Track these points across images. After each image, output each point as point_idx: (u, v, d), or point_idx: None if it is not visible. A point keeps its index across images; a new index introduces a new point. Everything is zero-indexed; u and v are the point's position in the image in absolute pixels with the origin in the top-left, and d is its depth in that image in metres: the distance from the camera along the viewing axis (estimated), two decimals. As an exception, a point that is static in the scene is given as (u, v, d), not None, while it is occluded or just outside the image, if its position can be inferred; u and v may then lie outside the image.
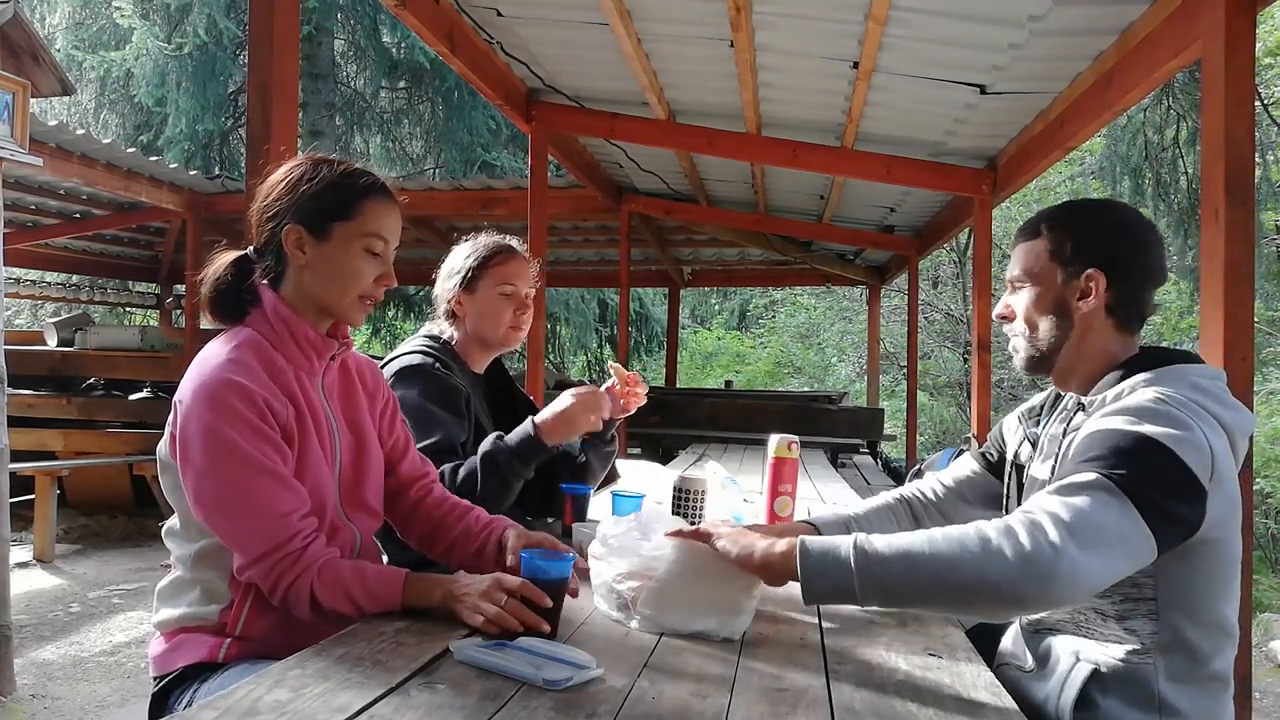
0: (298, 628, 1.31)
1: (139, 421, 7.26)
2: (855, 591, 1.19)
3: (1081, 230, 1.43)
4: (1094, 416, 1.33)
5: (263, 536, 1.25)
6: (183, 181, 6.77)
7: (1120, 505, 1.16)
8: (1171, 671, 1.30)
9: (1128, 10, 2.97)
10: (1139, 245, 1.42)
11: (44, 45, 4.27)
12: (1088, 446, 1.25)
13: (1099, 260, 1.40)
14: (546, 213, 5.08)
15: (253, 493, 1.24)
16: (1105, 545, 1.13)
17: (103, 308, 12.09)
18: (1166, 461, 1.19)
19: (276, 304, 1.38)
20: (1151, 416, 1.23)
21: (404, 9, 3.34)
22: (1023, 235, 1.49)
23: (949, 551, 1.15)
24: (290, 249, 1.38)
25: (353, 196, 1.39)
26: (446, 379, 1.89)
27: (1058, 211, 1.48)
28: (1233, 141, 2.33)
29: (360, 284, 1.40)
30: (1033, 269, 1.45)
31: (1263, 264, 9.83)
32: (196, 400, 1.26)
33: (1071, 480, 1.19)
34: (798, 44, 3.73)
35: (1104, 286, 1.40)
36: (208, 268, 1.40)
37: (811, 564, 1.22)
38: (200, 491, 1.25)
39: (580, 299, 14.16)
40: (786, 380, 16.91)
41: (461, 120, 12.62)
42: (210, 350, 1.33)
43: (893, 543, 1.20)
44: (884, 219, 7.18)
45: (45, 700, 3.47)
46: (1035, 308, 1.45)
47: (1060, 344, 1.44)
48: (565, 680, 1.03)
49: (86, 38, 12.23)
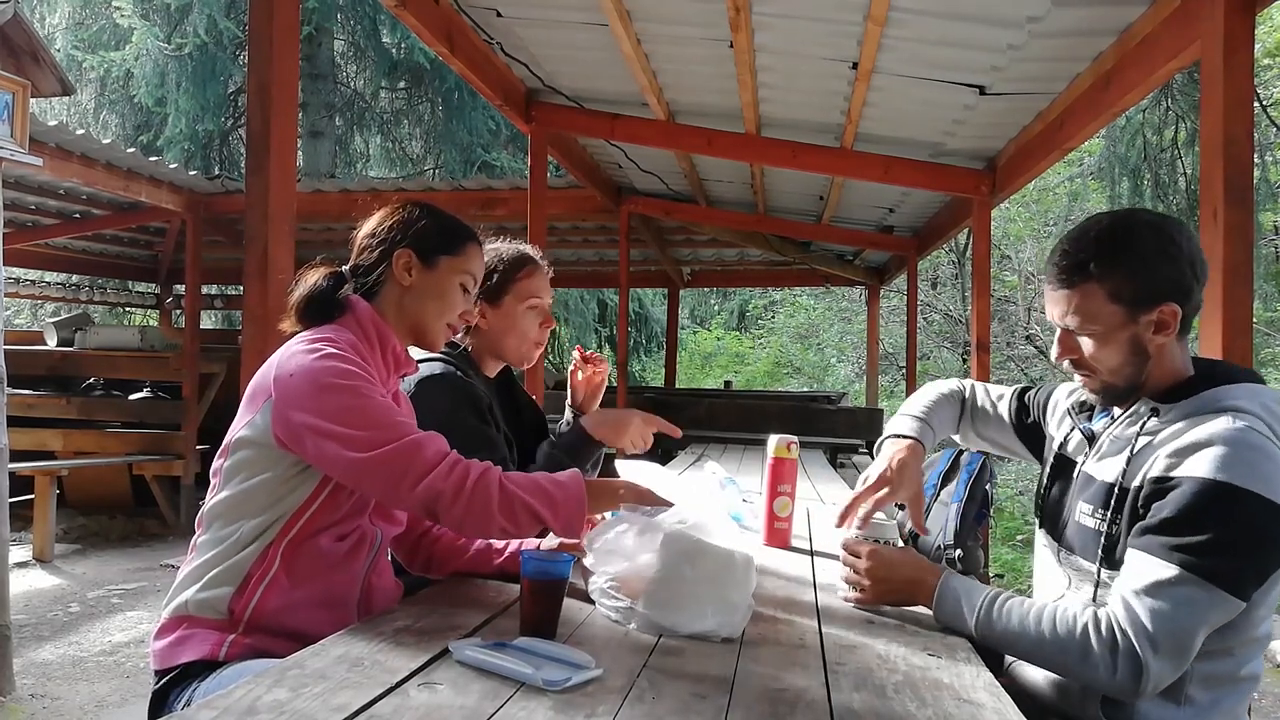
0: (306, 610, 1.34)
1: (138, 421, 7.27)
2: (974, 635, 1.37)
3: (1140, 269, 1.35)
4: (1171, 434, 1.33)
5: (427, 445, 1.31)
6: (182, 182, 6.76)
7: (1208, 596, 1.21)
8: (1207, 676, 1.32)
9: (1126, 11, 2.97)
10: (1194, 259, 1.36)
11: (44, 45, 4.26)
12: (1178, 503, 1.25)
13: (1169, 294, 1.35)
14: (546, 213, 5.07)
15: (399, 421, 1.33)
16: (1191, 644, 1.23)
17: (102, 308, 12.08)
18: (1262, 512, 1.21)
19: (372, 314, 1.50)
20: (1241, 451, 1.24)
21: (403, 9, 3.34)
22: (1068, 277, 1.39)
23: (1053, 649, 1.29)
24: (398, 270, 1.53)
25: (460, 237, 1.58)
26: (471, 389, 1.86)
27: (1098, 246, 1.37)
28: (1231, 142, 2.33)
29: (451, 313, 1.57)
30: (1094, 315, 1.37)
31: (1261, 265, 9.85)
32: (314, 371, 1.33)
33: (1157, 579, 1.23)
34: (797, 45, 3.73)
35: (1180, 315, 1.36)
36: (303, 276, 1.50)
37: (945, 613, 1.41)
38: (350, 439, 1.29)
39: (580, 299, 14.16)
40: (786, 381, 16.91)
41: (461, 121, 12.61)
42: (307, 340, 1.40)
43: (1010, 624, 1.33)
44: (883, 219, 7.18)
45: (44, 700, 3.47)
46: (1106, 351, 1.39)
47: (1139, 375, 1.40)
48: (564, 680, 1.03)
49: (86, 38, 12.22)
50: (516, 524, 1.32)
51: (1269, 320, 10.09)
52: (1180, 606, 1.21)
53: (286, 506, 1.36)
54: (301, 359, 1.35)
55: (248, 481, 1.37)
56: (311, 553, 1.37)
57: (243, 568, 1.35)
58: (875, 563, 1.48)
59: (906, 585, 1.46)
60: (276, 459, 1.36)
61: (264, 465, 1.37)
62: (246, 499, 1.37)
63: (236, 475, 1.39)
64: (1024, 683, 1.52)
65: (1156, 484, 1.30)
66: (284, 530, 1.36)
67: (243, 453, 1.38)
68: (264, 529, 1.36)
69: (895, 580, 1.47)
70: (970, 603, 1.37)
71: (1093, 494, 1.44)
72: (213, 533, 1.40)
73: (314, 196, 6.63)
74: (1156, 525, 1.26)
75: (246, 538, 1.36)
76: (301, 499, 1.36)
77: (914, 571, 1.46)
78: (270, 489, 1.36)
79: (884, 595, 1.48)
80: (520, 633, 1.20)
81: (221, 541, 1.37)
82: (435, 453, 1.31)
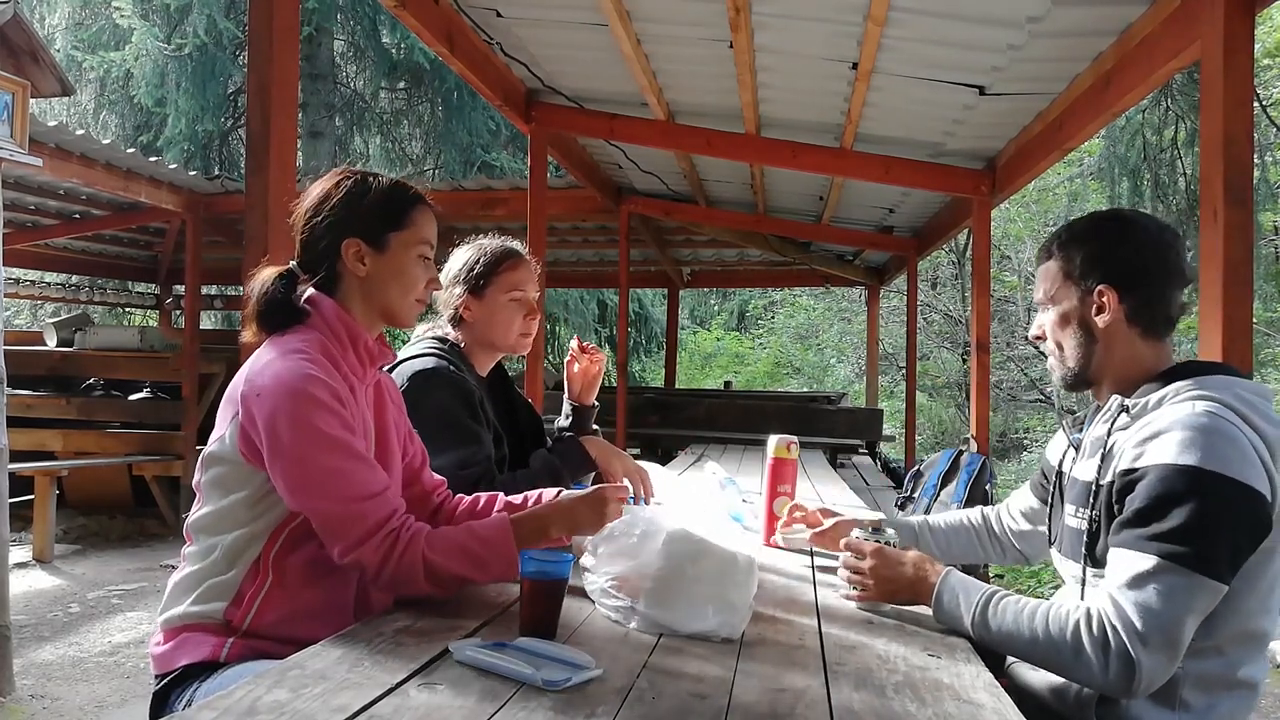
0: (304, 620, 1.33)
1: (138, 422, 7.26)
2: (970, 633, 1.37)
3: (1085, 246, 1.47)
4: (1138, 427, 1.35)
5: (366, 516, 1.29)
6: (182, 182, 6.76)
7: (1188, 583, 1.21)
8: (1200, 677, 1.32)
9: (1126, 11, 2.97)
10: (1147, 251, 1.44)
11: (44, 45, 4.26)
12: (1146, 493, 1.27)
13: (1106, 274, 1.44)
14: (546, 213, 5.07)
15: (350, 475, 1.29)
16: (1179, 636, 1.22)
17: (102, 308, 12.08)
18: (1226, 490, 1.22)
19: (338, 311, 1.44)
20: (1201, 435, 1.25)
21: (403, 9, 3.34)
22: (1041, 257, 1.55)
23: (1047, 648, 1.29)
24: (350, 262, 1.45)
25: (404, 207, 1.49)
26: (463, 383, 1.89)
27: (1065, 229, 1.53)
28: (1231, 142, 2.33)
29: (416, 288, 1.51)
30: (1051, 290, 1.51)
31: (1261, 265, 9.85)
32: (280, 394, 1.29)
33: (1137, 571, 1.24)
34: (797, 45, 3.73)
35: (1117, 299, 1.43)
36: (252, 283, 1.44)
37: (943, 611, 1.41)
38: (296, 479, 1.28)
39: (579, 300, 14.15)
40: (785, 381, 16.91)
41: (461, 121, 12.61)
42: (277, 349, 1.37)
43: (1004, 623, 1.33)
44: (883, 220, 7.18)
45: (44, 700, 3.47)
46: (1059, 327, 1.50)
47: (1089, 359, 1.48)
48: (564, 680, 1.03)
49: (86, 38, 12.22)
50: (445, 588, 1.33)
51: (1269, 320, 10.09)
52: (1164, 597, 1.21)
53: (268, 521, 1.35)
54: (270, 377, 1.31)
55: (225, 499, 1.36)
56: (302, 561, 1.36)
57: (234, 583, 1.34)
58: (879, 561, 1.49)
59: (909, 584, 1.46)
60: (248, 476, 1.34)
61: (238, 483, 1.35)
62: (227, 515, 1.36)
63: (214, 492, 1.38)
64: (1023, 683, 1.52)
65: (1125, 476, 1.32)
66: (270, 543, 1.35)
67: (216, 469, 1.37)
68: (249, 543, 1.35)
69: (899, 579, 1.47)
70: (968, 600, 1.37)
71: (1075, 495, 1.49)
72: (199, 545, 1.39)
73: (314, 197, 6.61)
74: (1129, 518, 1.28)
75: (233, 553, 1.35)
76: (284, 513, 1.35)
77: (916, 570, 1.46)
78: (249, 505, 1.35)
79: (888, 594, 1.48)
80: (520, 633, 1.20)
81: (208, 555, 1.37)
82: (373, 524, 1.29)
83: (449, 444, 1.81)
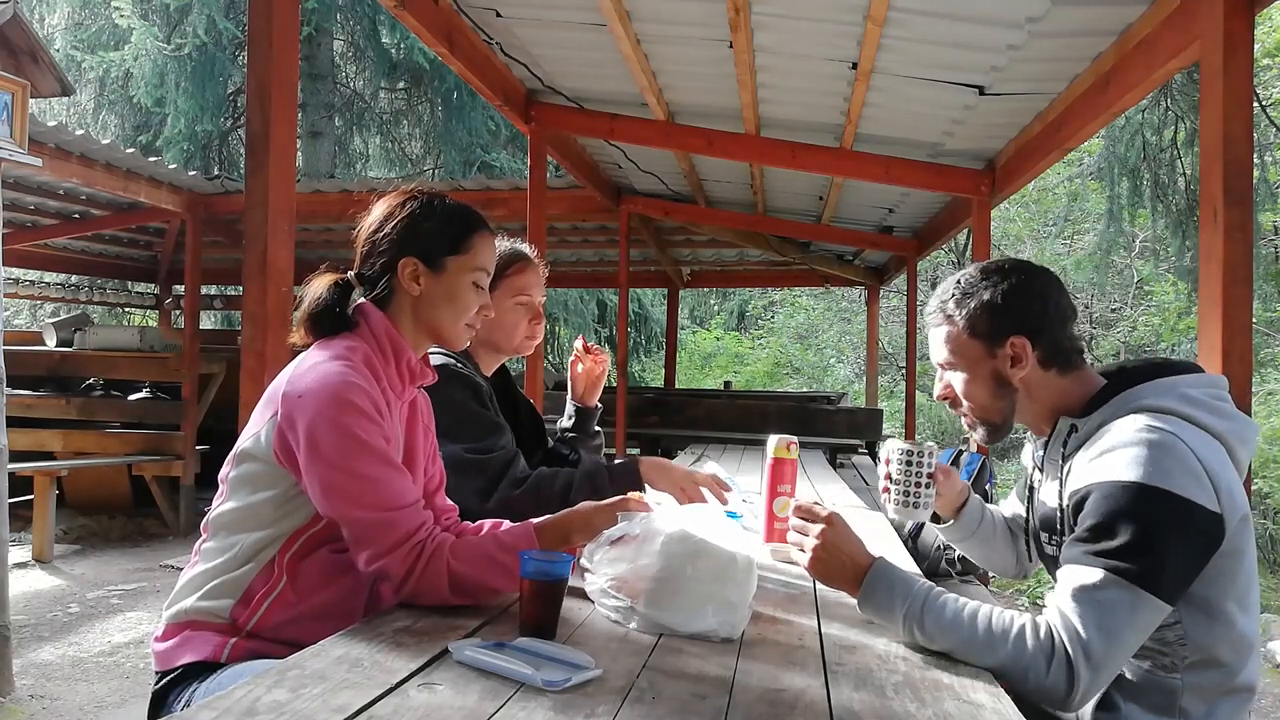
0: (309, 624, 1.33)
1: (138, 422, 7.26)
2: (899, 626, 1.30)
3: (984, 303, 1.45)
4: (1088, 447, 1.35)
5: (397, 525, 1.30)
6: (182, 182, 6.76)
7: (1133, 599, 1.21)
8: (1199, 687, 1.33)
9: (1126, 12, 2.97)
10: (1043, 296, 1.45)
11: (43, 45, 4.27)
12: (1093, 510, 1.27)
13: (1013, 326, 1.43)
14: (545, 213, 5.07)
15: (386, 484, 1.31)
16: (1120, 651, 1.21)
17: (102, 308, 12.09)
18: (1169, 508, 1.22)
19: (387, 326, 1.46)
20: (1145, 450, 1.25)
21: (403, 10, 3.34)
22: (933, 321, 1.52)
23: (984, 646, 1.23)
24: (405, 280, 1.47)
25: (465, 233, 1.52)
26: (473, 378, 1.90)
27: (955, 291, 1.49)
28: (1231, 142, 2.33)
29: (468, 313, 1.52)
30: (957, 351, 1.49)
31: (1260, 265, 9.85)
32: (322, 399, 1.30)
33: (1083, 584, 1.23)
34: (796, 45, 3.73)
35: (1029, 347, 1.43)
36: (307, 286, 1.47)
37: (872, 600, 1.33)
38: (331, 484, 1.29)
39: (579, 300, 14.15)
40: (785, 381, 16.90)
41: (461, 121, 12.61)
42: (322, 354, 1.38)
43: (941, 617, 1.26)
44: (883, 220, 7.18)
45: (44, 700, 3.47)
46: (973, 386, 1.49)
47: (1010, 409, 1.49)
48: (564, 681, 1.03)
49: (86, 38, 12.22)
50: (471, 598, 1.33)
51: (1269, 320, 10.10)
52: (1107, 612, 1.20)
53: (291, 524, 1.36)
54: (313, 380, 1.32)
55: (252, 496, 1.37)
56: (316, 565, 1.37)
57: (245, 581, 1.35)
58: (830, 529, 1.38)
59: (843, 564, 1.36)
60: (278, 476, 1.35)
61: (267, 482, 1.36)
62: (251, 513, 1.37)
63: (242, 488, 1.38)
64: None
65: (1075, 496, 1.33)
66: (287, 544, 1.36)
67: (247, 466, 1.38)
68: (268, 543, 1.36)
69: (837, 554, 1.36)
70: (907, 590, 1.30)
71: (1045, 520, 1.50)
72: (217, 541, 1.40)
73: (313, 197, 6.62)
74: (1080, 535, 1.28)
75: (250, 551, 1.36)
76: (306, 517, 1.36)
77: (857, 553, 1.37)
78: (275, 505, 1.36)
79: (821, 564, 1.37)
80: (520, 633, 1.20)
81: (225, 551, 1.37)
82: (402, 534, 1.29)
83: (476, 433, 1.83)
